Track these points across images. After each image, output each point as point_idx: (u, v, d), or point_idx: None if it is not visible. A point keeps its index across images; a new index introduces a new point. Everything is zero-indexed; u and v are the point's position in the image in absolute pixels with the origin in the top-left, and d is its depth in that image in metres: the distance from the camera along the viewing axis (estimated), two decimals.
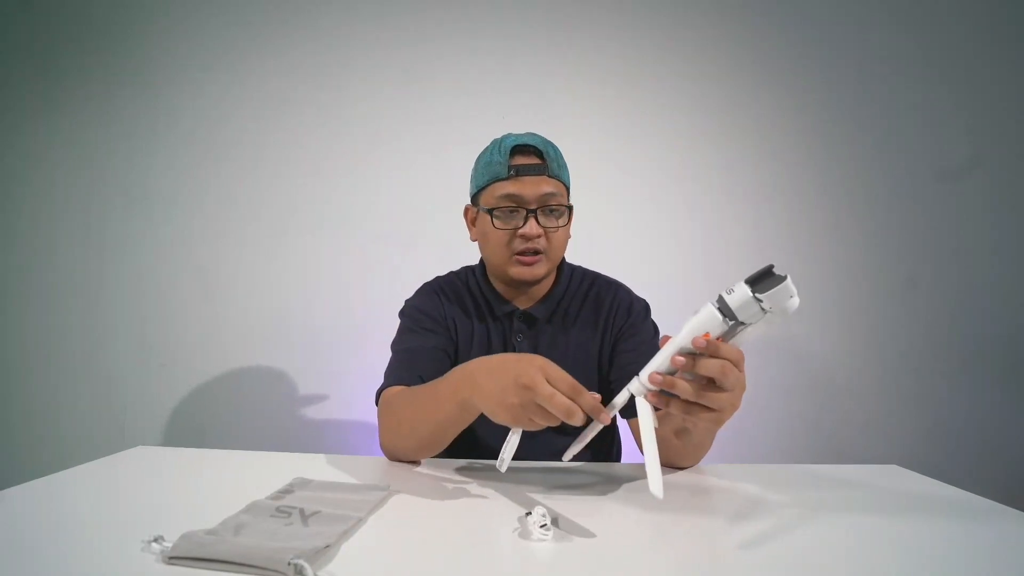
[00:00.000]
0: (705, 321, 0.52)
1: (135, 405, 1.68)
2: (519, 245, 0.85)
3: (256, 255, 1.68)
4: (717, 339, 0.52)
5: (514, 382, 0.56)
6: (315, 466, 0.75)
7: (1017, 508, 0.63)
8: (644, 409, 0.56)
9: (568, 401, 0.53)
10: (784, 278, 0.50)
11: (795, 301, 0.50)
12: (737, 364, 0.52)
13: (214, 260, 1.69)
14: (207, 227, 1.69)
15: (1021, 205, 1.67)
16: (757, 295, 0.50)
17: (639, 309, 0.94)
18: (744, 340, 0.54)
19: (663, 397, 0.55)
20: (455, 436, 0.72)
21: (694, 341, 0.52)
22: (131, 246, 1.69)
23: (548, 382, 0.55)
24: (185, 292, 1.68)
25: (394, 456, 0.79)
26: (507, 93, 1.68)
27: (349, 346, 1.62)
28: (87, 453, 0.75)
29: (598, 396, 0.55)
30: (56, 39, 1.70)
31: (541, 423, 0.56)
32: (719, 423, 0.55)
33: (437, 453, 0.78)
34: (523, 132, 0.90)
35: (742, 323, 0.52)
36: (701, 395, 0.52)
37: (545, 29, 1.69)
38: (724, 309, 0.52)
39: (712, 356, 0.52)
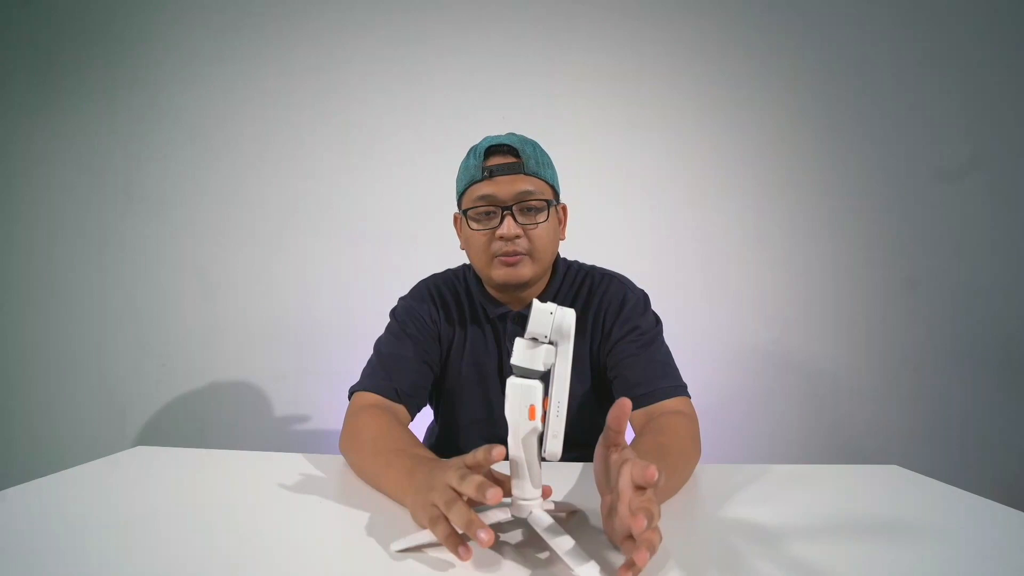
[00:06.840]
0: (518, 402, 0.47)
1: (135, 405, 1.68)
2: (499, 247, 0.81)
3: (256, 255, 1.68)
4: (544, 399, 0.47)
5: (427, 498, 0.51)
6: (316, 466, 0.75)
7: (1017, 508, 0.63)
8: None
9: (477, 476, 0.48)
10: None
11: (547, 314, 0.47)
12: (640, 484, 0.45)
13: (214, 260, 1.69)
14: (207, 227, 1.69)
15: (1021, 205, 1.67)
16: (529, 336, 0.48)
17: (633, 300, 0.89)
18: (564, 371, 0.48)
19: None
20: None
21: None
22: (131, 246, 1.69)
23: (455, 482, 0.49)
24: (185, 292, 1.68)
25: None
26: (507, 93, 1.68)
27: (349, 346, 1.61)
28: (87, 453, 0.75)
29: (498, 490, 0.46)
30: (56, 38, 1.70)
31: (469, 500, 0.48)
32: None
33: None
34: (503, 133, 0.88)
35: (548, 367, 0.48)
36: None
37: (546, 28, 1.69)
38: (521, 372, 0.48)
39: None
